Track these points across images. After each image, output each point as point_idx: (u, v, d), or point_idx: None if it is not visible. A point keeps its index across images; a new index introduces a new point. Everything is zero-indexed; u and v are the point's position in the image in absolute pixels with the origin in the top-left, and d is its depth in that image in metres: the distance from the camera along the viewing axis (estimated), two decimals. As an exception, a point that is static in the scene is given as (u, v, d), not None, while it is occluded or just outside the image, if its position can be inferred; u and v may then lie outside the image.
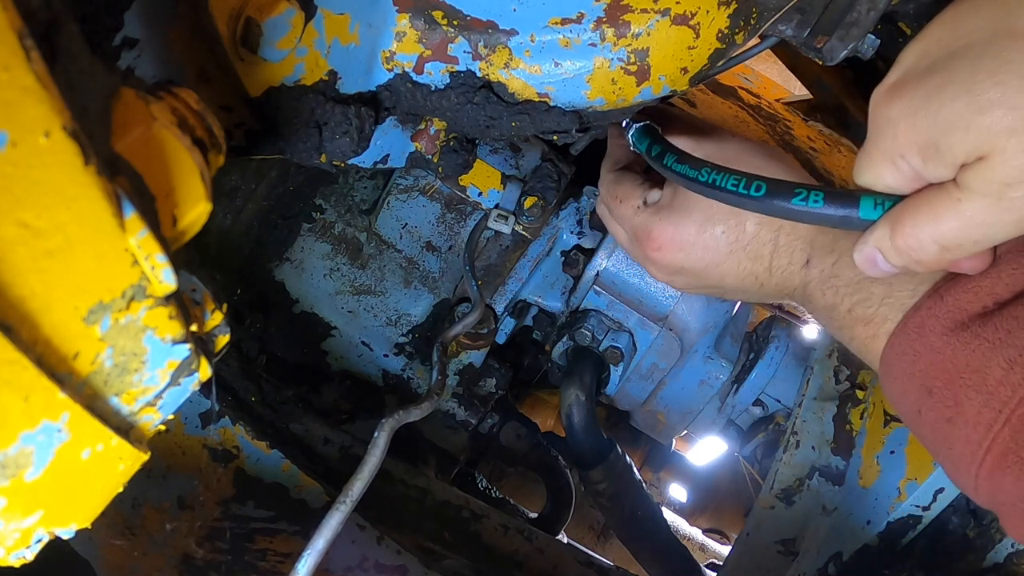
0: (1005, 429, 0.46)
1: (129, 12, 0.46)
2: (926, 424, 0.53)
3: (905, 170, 0.46)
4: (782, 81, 1.65)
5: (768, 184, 0.51)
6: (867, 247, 0.49)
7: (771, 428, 1.10)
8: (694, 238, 0.65)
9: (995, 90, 0.40)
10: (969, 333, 0.49)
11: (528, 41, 0.62)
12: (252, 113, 0.60)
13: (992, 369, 0.47)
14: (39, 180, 0.28)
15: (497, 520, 1.01)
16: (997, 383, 0.47)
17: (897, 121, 0.45)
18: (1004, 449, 0.46)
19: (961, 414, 0.49)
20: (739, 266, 0.65)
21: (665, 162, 0.60)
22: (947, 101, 0.42)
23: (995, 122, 0.40)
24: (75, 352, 0.33)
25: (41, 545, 0.35)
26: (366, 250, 1.03)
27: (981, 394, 0.48)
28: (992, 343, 0.48)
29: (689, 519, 1.58)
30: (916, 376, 0.52)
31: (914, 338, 0.52)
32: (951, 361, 0.50)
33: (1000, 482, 0.47)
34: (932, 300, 0.52)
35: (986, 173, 0.41)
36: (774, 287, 0.65)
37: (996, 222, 0.43)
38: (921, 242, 0.46)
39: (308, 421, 0.95)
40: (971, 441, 0.48)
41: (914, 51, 0.45)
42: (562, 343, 1.03)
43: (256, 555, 0.78)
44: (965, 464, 0.50)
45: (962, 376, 0.49)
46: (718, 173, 0.55)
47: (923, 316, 0.52)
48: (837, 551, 0.90)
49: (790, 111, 1.43)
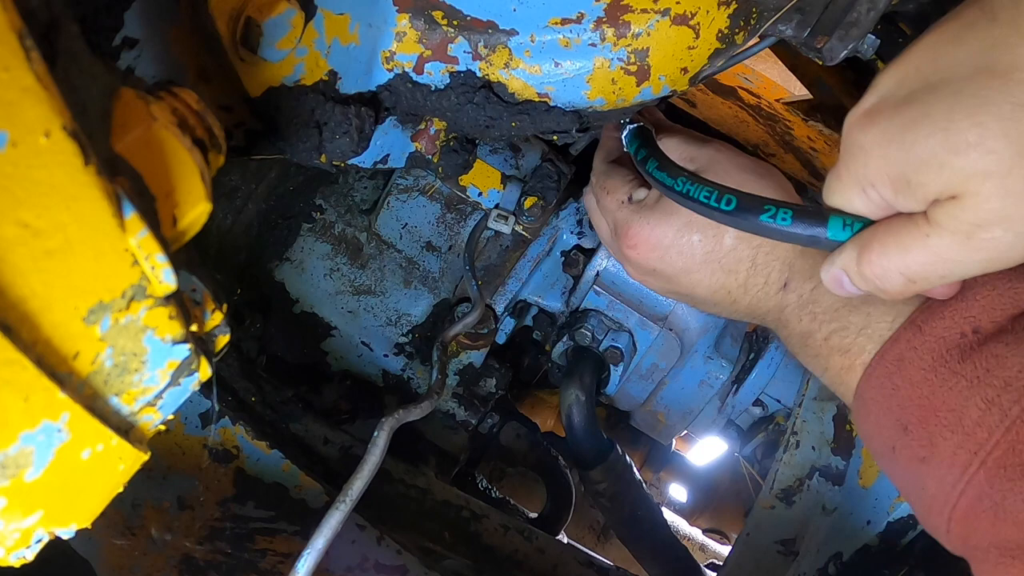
0: (980, 472, 0.45)
1: (129, 12, 0.46)
2: (899, 462, 0.51)
3: (875, 198, 0.45)
4: (782, 81, 1.65)
5: (739, 198, 0.52)
6: (834, 268, 0.49)
7: (771, 428, 1.10)
8: (670, 241, 0.65)
9: (973, 131, 0.39)
10: (947, 369, 0.48)
11: (528, 41, 0.62)
12: (252, 113, 0.60)
13: (969, 409, 0.46)
14: (39, 180, 0.28)
15: (497, 520, 1.01)
16: (974, 424, 0.46)
17: (870, 149, 0.44)
18: (979, 493, 0.45)
19: (936, 454, 0.47)
20: (712, 278, 0.64)
21: (647, 167, 0.61)
22: (922, 137, 0.41)
23: (970, 164, 0.39)
24: (75, 352, 0.33)
25: (41, 545, 0.35)
26: (366, 250, 1.03)
27: (957, 434, 0.46)
28: (970, 381, 0.46)
29: (689, 519, 1.58)
30: (892, 411, 0.51)
31: (893, 372, 0.51)
32: (928, 398, 0.48)
33: (973, 526, 0.46)
34: (910, 332, 0.51)
35: (958, 213, 0.40)
36: (746, 306, 0.64)
37: (964, 260, 0.42)
38: (887, 271, 0.45)
39: (308, 421, 0.95)
40: (945, 483, 0.47)
41: (892, 77, 0.44)
42: (562, 343, 1.03)
43: (256, 555, 0.78)
44: (938, 506, 0.48)
45: (938, 414, 0.47)
46: (692, 184, 0.55)
47: (902, 349, 0.51)
48: (837, 551, 0.90)
49: (790, 111, 1.43)
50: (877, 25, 0.61)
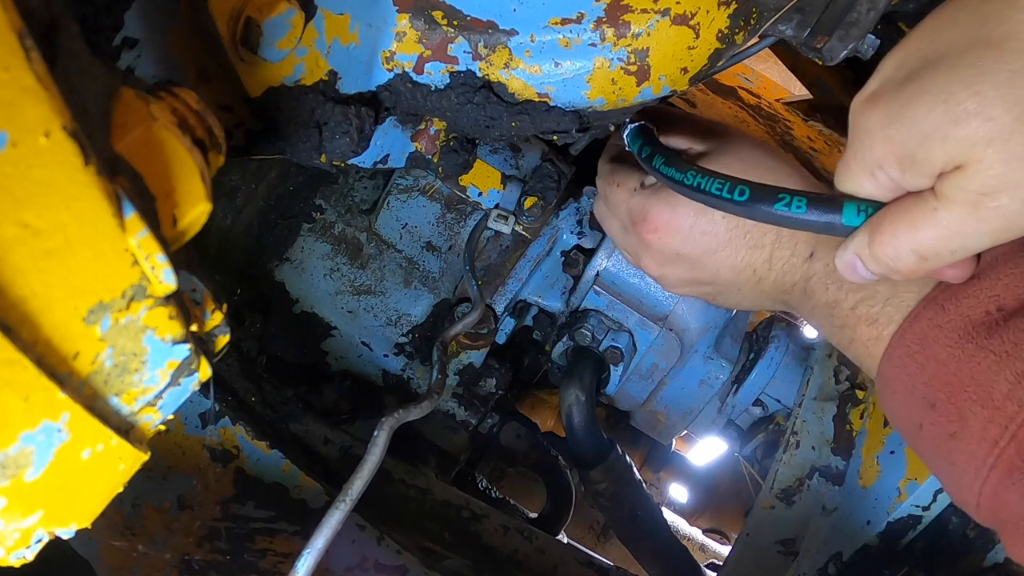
0: (1011, 445, 0.45)
1: (129, 12, 0.46)
2: (927, 438, 0.52)
3: (883, 180, 0.46)
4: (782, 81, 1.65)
5: (752, 189, 0.51)
6: (848, 253, 0.49)
7: (771, 428, 1.10)
8: (692, 220, 0.64)
9: (971, 100, 0.39)
10: (974, 345, 0.48)
11: (528, 41, 0.62)
12: (252, 113, 0.60)
13: (999, 383, 0.46)
14: (39, 180, 0.28)
15: (497, 520, 1.01)
16: (1004, 397, 0.46)
17: (874, 132, 0.45)
18: (1010, 465, 0.45)
19: (965, 428, 0.48)
20: (737, 256, 0.64)
21: (654, 163, 0.60)
22: (922, 112, 0.41)
23: (971, 132, 0.40)
24: (75, 352, 0.33)
25: (41, 545, 0.35)
26: (366, 250, 1.03)
27: (987, 408, 0.46)
28: (999, 356, 0.47)
29: (689, 519, 1.58)
30: (919, 389, 0.51)
31: (916, 350, 0.51)
32: (955, 374, 0.48)
33: (1004, 499, 0.46)
34: (932, 310, 0.51)
35: (963, 183, 0.41)
36: (772, 283, 0.64)
37: (973, 231, 0.42)
38: (899, 251, 0.45)
39: (308, 421, 0.95)
40: (975, 456, 0.47)
41: (892, 60, 0.45)
42: (562, 343, 1.03)
43: (256, 555, 0.78)
44: (968, 480, 0.48)
45: (967, 389, 0.48)
46: (703, 176, 0.55)
47: (924, 327, 0.51)
48: (837, 551, 0.90)
49: (790, 111, 1.43)
50: (877, 25, 0.61)
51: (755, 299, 0.68)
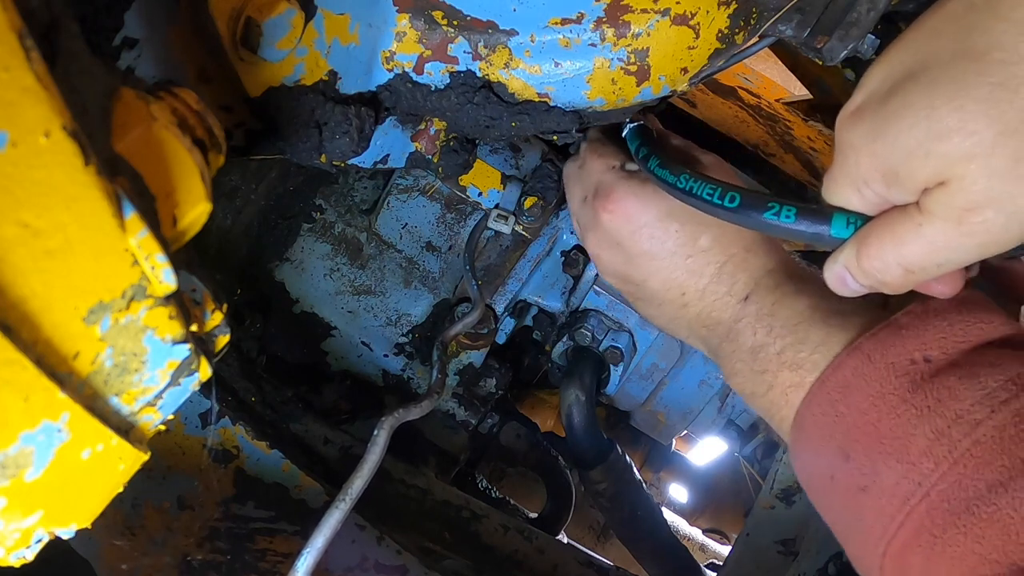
0: (923, 503, 0.43)
1: (129, 12, 0.46)
2: (837, 492, 0.50)
3: (869, 195, 0.45)
4: (782, 81, 1.65)
5: (742, 196, 0.52)
6: (837, 266, 0.49)
7: (771, 428, 1.10)
8: (647, 221, 0.63)
9: (953, 116, 0.39)
10: (896, 397, 0.47)
11: (528, 41, 0.62)
12: (252, 113, 0.60)
13: (916, 438, 0.45)
14: (39, 180, 0.28)
15: (497, 520, 1.01)
16: (920, 453, 0.44)
17: (859, 147, 0.44)
18: (918, 526, 0.44)
19: (877, 483, 0.46)
20: (672, 272, 0.63)
21: (649, 164, 0.61)
22: (905, 128, 0.41)
23: (953, 148, 0.39)
24: (75, 352, 0.33)
25: (41, 545, 0.35)
26: (366, 250, 1.03)
27: (902, 463, 0.45)
28: (920, 410, 0.45)
29: (689, 519, 1.58)
30: (835, 438, 0.49)
31: (836, 399, 0.50)
32: (874, 425, 0.47)
33: (909, 563, 0.44)
34: (856, 358, 0.50)
35: (946, 198, 0.41)
36: (696, 314, 0.63)
37: (958, 246, 0.42)
38: (886, 264, 0.45)
39: (308, 421, 0.95)
40: (884, 513, 0.45)
41: (876, 73, 0.44)
42: (562, 343, 1.03)
43: (256, 555, 0.78)
44: (874, 540, 0.46)
45: (883, 442, 0.46)
46: (695, 181, 0.55)
47: (847, 375, 0.50)
48: (837, 551, 0.90)
49: (790, 111, 1.43)
50: (877, 25, 0.61)
51: (671, 322, 0.66)
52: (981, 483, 0.42)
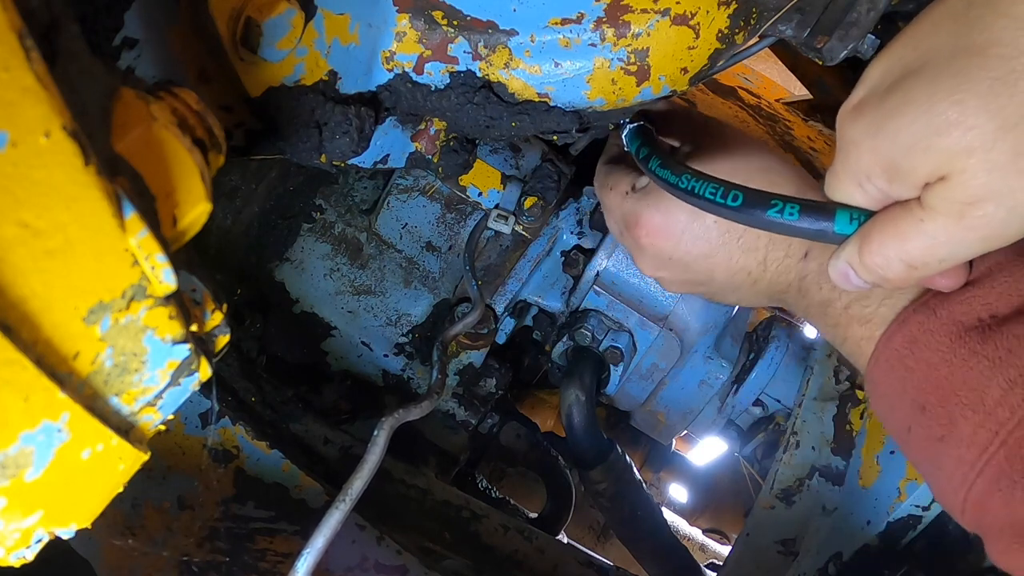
0: (1001, 451, 0.45)
1: (129, 12, 0.46)
2: (915, 442, 0.51)
3: (871, 190, 0.46)
4: (782, 81, 1.65)
5: (745, 194, 0.52)
6: (840, 262, 0.49)
7: (771, 428, 1.10)
8: (684, 226, 0.64)
9: (953, 110, 0.39)
10: (967, 349, 0.48)
11: (528, 41, 0.62)
12: (252, 113, 0.60)
13: (991, 388, 0.46)
14: (39, 180, 0.28)
15: (497, 520, 1.01)
16: (995, 403, 0.45)
17: (860, 142, 0.44)
18: (998, 472, 0.45)
19: (954, 433, 0.47)
20: (730, 259, 0.64)
21: (650, 165, 0.61)
22: (906, 123, 0.41)
23: (954, 143, 0.39)
24: (75, 352, 0.33)
25: (41, 545, 0.35)
26: (366, 250, 1.03)
27: (978, 413, 0.46)
28: (992, 361, 0.46)
29: (689, 519, 1.58)
30: (908, 392, 0.51)
31: (905, 354, 0.51)
32: (947, 378, 0.48)
33: (989, 505, 0.46)
34: (922, 314, 0.51)
35: (947, 193, 0.41)
36: (767, 284, 0.64)
37: (960, 240, 0.42)
38: (888, 260, 0.45)
39: (308, 421, 0.95)
40: (964, 461, 0.47)
41: (877, 68, 0.45)
42: (562, 343, 1.03)
43: (256, 555, 0.78)
44: (955, 485, 0.48)
45: (958, 393, 0.47)
46: (697, 180, 0.55)
47: (913, 330, 0.51)
48: (837, 551, 0.90)
49: (790, 111, 1.43)
50: (877, 25, 0.61)
51: (753, 298, 0.68)
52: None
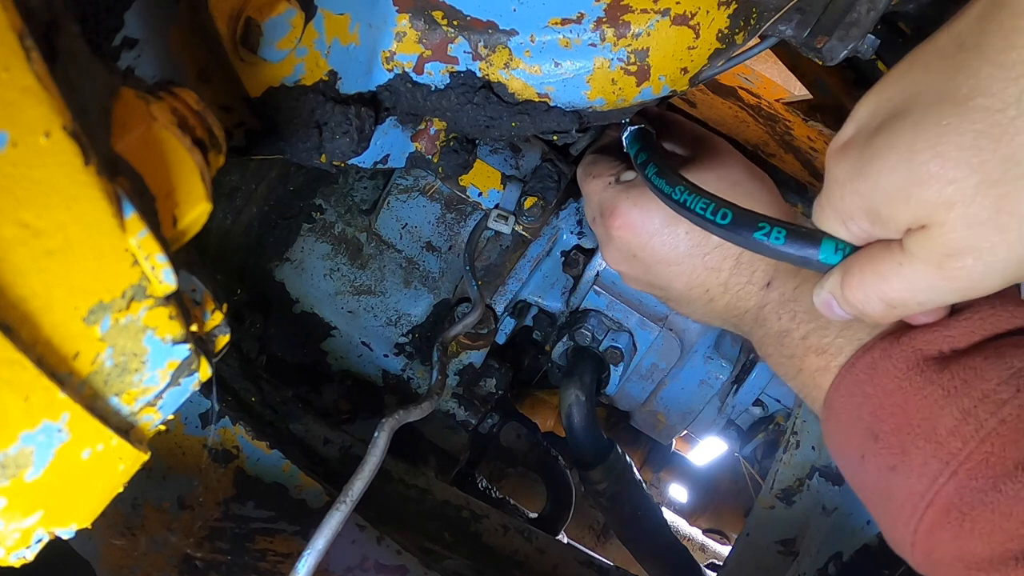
0: (951, 482, 0.44)
1: (129, 12, 0.46)
2: (868, 472, 0.51)
3: (854, 229, 0.46)
4: (782, 81, 1.65)
5: (734, 213, 0.52)
6: (823, 292, 0.49)
7: (771, 428, 1.10)
8: (657, 228, 0.64)
9: (934, 162, 0.38)
10: (923, 378, 0.47)
11: (528, 41, 0.62)
12: (252, 113, 0.60)
13: (943, 418, 0.45)
14: (39, 180, 0.28)
15: (497, 520, 1.01)
16: (948, 433, 0.45)
17: (844, 183, 0.44)
18: (947, 503, 0.44)
19: (906, 462, 0.47)
20: (692, 273, 0.64)
21: (646, 171, 0.61)
22: (887, 170, 0.41)
23: (934, 195, 0.39)
24: (75, 352, 0.33)
25: (41, 545, 0.35)
26: (366, 250, 1.03)
27: (930, 443, 0.46)
28: (947, 391, 0.46)
29: (689, 519, 1.58)
30: (863, 419, 0.50)
31: (864, 380, 0.51)
32: (901, 406, 0.48)
33: (939, 538, 0.45)
34: (886, 342, 0.50)
35: (927, 243, 0.41)
36: (724, 306, 0.64)
37: (938, 288, 0.42)
38: (868, 297, 0.45)
39: (308, 421, 0.95)
40: (913, 492, 0.46)
41: (865, 107, 0.44)
42: (562, 343, 1.03)
43: (256, 555, 0.78)
44: (904, 517, 0.47)
45: (911, 422, 0.47)
46: (690, 194, 0.55)
47: (875, 356, 0.50)
48: (837, 551, 0.90)
49: (790, 111, 1.43)
50: (877, 25, 0.61)
51: (706, 316, 0.67)
52: (1008, 461, 0.43)
